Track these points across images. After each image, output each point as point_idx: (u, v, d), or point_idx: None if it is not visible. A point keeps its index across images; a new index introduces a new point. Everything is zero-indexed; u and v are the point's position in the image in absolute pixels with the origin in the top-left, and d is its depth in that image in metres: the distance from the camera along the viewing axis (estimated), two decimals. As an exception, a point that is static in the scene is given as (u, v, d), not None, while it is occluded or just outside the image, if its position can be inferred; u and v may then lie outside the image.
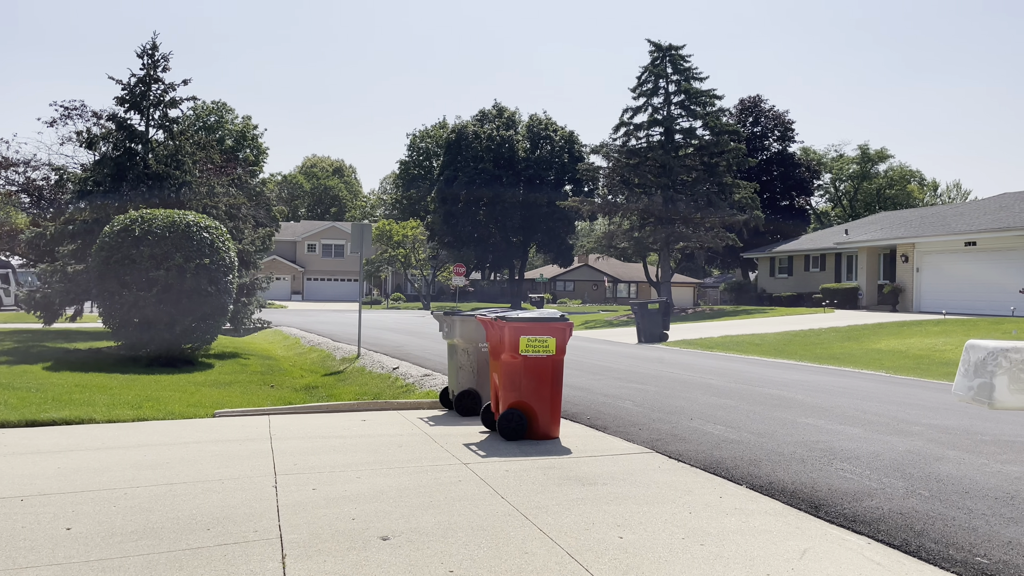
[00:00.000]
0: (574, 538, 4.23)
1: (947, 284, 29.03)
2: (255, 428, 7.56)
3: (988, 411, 2.13)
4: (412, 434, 7.29)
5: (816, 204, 67.31)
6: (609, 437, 7.22)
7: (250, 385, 12.05)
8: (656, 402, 9.27)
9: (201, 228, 14.20)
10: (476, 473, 5.69)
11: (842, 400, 9.65)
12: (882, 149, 71.87)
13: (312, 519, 4.52)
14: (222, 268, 14.34)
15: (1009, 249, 26.58)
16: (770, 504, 5.01)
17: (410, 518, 4.55)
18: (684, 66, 40.45)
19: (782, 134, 53.51)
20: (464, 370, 8.44)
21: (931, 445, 6.75)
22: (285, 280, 69.19)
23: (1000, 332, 18.03)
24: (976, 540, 4.25)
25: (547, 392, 6.95)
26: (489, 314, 7.47)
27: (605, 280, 76.37)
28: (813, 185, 57.65)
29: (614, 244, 40.88)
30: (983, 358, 2.30)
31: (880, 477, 5.60)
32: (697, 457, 6.29)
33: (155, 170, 20.79)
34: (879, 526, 4.52)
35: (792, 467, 5.92)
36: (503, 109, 66.05)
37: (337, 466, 5.88)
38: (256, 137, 75.45)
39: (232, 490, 5.16)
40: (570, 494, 5.13)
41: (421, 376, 12.12)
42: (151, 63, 21.16)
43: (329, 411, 8.80)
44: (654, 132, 40.48)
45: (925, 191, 76.84)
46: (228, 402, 9.68)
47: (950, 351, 15.57)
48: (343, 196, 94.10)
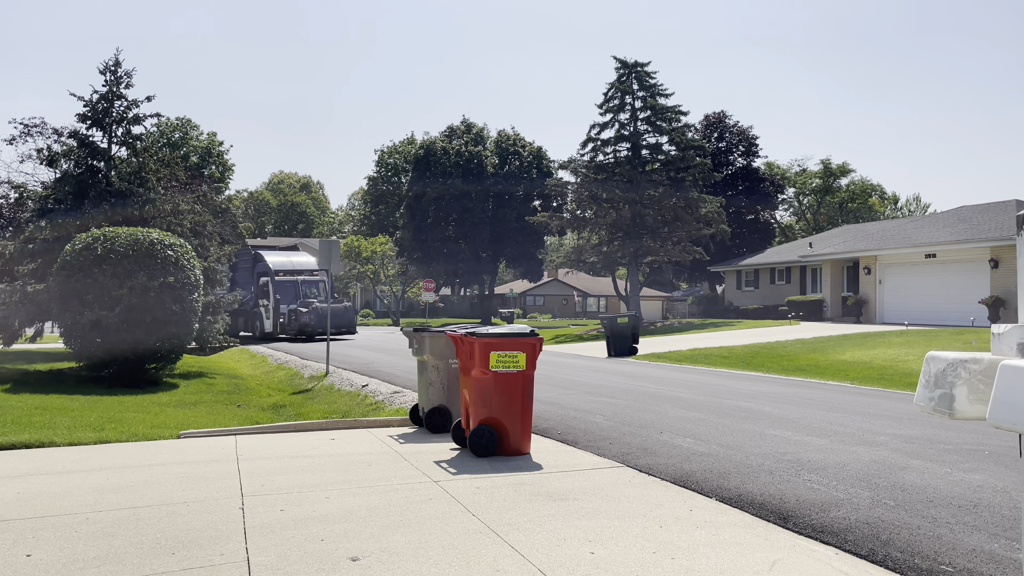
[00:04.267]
0: (545, 555, 4.21)
1: (909, 295, 29.60)
2: (221, 449, 7.44)
3: (949, 421, 2.17)
4: (382, 452, 7.23)
5: (781, 218, 68.32)
6: (580, 452, 7.22)
7: (216, 405, 11.87)
8: (626, 416, 9.30)
9: (165, 246, 14.00)
10: (447, 491, 5.65)
11: (809, 411, 9.77)
12: (844, 164, 73.21)
13: (280, 541, 4.45)
14: (187, 286, 14.14)
15: (968, 261, 27.19)
16: (739, 516, 5.05)
17: (380, 538, 4.50)
18: (650, 82, 40.96)
19: (746, 149, 54.30)
20: (434, 387, 8.41)
21: (896, 455, 6.85)
22: (252, 297, 68.23)
23: (961, 342, 18.41)
24: (941, 548, 4.32)
25: (518, 408, 6.95)
26: (459, 330, 7.46)
27: (575, 294, 76.64)
28: (777, 199, 58.53)
29: (583, 259, 41.12)
30: (943, 369, 2.35)
31: (847, 487, 5.67)
32: (667, 470, 6.32)
33: (118, 187, 20.48)
34: (846, 536, 4.57)
35: (761, 479, 5.97)
36: (471, 125, 66.19)
37: (306, 486, 5.81)
38: (222, 153, 74.73)
39: (198, 513, 5.06)
40: (541, 510, 5.12)
41: (391, 393, 12.03)
42: (114, 79, 20.89)
43: (297, 430, 8.69)
44: (621, 148, 40.86)
45: (886, 204, 78.40)
46: (193, 423, 9.52)
47: (912, 361, 15.85)
48: (311, 212, 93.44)
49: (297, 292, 30.41)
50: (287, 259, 33.18)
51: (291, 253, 35.88)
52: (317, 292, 31.13)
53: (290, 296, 30.24)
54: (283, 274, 30.90)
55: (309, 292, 30.83)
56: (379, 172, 77.99)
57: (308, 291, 30.83)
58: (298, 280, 30.84)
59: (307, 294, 30.64)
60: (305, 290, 30.78)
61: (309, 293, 30.79)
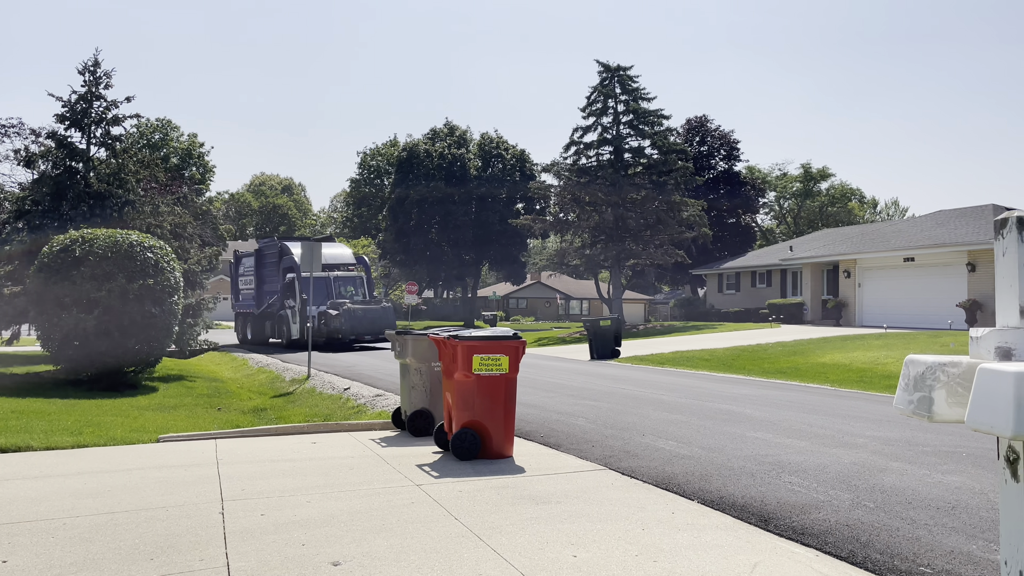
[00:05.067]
0: (528, 558, 4.21)
1: (888, 298, 29.90)
2: (201, 453, 7.37)
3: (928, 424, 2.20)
4: (364, 456, 7.19)
5: (762, 221, 68.82)
6: (563, 455, 7.22)
7: (196, 408, 11.76)
8: (609, 419, 9.32)
9: (145, 248, 13.87)
10: (429, 494, 5.63)
11: (789, 414, 9.83)
12: (824, 168, 73.93)
13: (261, 546, 4.41)
14: (167, 289, 14.01)
15: (945, 265, 27.51)
16: (721, 519, 5.07)
17: (362, 542, 4.48)
18: (632, 86, 41.13)
19: (728, 153, 54.67)
20: (417, 390, 8.38)
21: (875, 457, 6.91)
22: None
23: (939, 345, 18.61)
24: (920, 550, 4.36)
25: (500, 411, 6.94)
26: (442, 333, 7.45)
27: (558, 297, 76.74)
28: (758, 203, 58.99)
29: (566, 261, 41.20)
30: (922, 373, 2.37)
31: (827, 489, 5.71)
32: (649, 473, 6.33)
33: (97, 189, 20.28)
34: (827, 538, 4.60)
35: (742, 481, 6.00)
36: (454, 127, 66.13)
37: (287, 490, 5.77)
38: (202, 155, 74.20)
39: (177, 518, 5.01)
40: (524, 513, 5.11)
41: (373, 396, 11.98)
42: (93, 80, 20.71)
43: (278, 434, 8.63)
44: (604, 151, 41.03)
45: (865, 208, 79.17)
46: (173, 426, 9.42)
47: (891, 364, 16.01)
48: (292, 214, 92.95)
49: (329, 290, 26.01)
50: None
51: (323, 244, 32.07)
52: (353, 290, 26.66)
53: (321, 295, 25.79)
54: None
55: (343, 290, 26.53)
56: (362, 174, 77.72)
57: (342, 289, 26.50)
58: (329, 276, 26.29)
59: (340, 293, 26.29)
60: (338, 288, 26.34)
61: (343, 292, 26.47)
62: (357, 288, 26.84)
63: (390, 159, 74.43)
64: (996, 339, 2.27)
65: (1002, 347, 2.24)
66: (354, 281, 26.99)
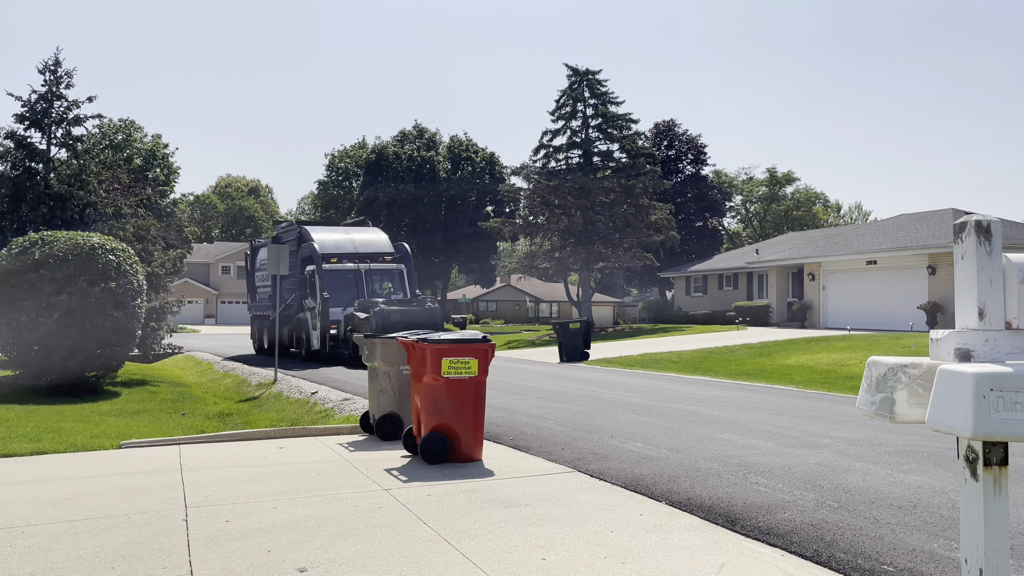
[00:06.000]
0: (497, 562, 4.20)
1: (851, 301, 30.39)
2: (164, 459, 7.24)
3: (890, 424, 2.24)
4: (331, 460, 7.13)
5: (728, 225, 69.61)
6: (532, 458, 7.23)
7: (160, 414, 11.57)
8: (578, 421, 9.34)
9: (107, 250, 13.61)
10: (397, 499, 5.60)
11: (756, 415, 9.94)
12: (789, 172, 75.02)
13: (225, 553, 4.35)
14: (129, 292, 13.76)
15: (906, 268, 28.04)
16: (689, 520, 5.10)
17: (329, 548, 4.43)
18: (601, 90, 41.40)
19: (695, 157, 55.19)
20: (385, 393, 8.33)
21: (839, 457, 7.01)
22: (198, 303, 66.98)
23: (901, 347, 18.96)
24: (882, 549, 4.42)
25: (470, 414, 6.92)
26: (411, 336, 7.41)
27: (527, 300, 76.81)
28: (725, 206, 59.64)
29: (536, 264, 41.29)
30: (884, 374, 2.40)
31: (792, 490, 5.77)
32: (618, 475, 6.36)
33: (57, 190, 19.88)
34: (792, 538, 4.66)
35: (709, 482, 6.05)
36: (424, 130, 65.95)
37: (252, 496, 5.69)
38: (167, 156, 73.05)
39: (139, 525, 4.92)
40: (493, 517, 5.10)
41: (341, 400, 11.88)
42: (54, 79, 20.34)
43: (244, 439, 8.52)
44: (573, 154, 41.23)
45: (829, 212, 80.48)
46: (136, 432, 9.25)
47: (855, 365, 16.27)
48: (259, 217, 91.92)
49: (359, 287, 20.84)
50: (344, 237, 22.76)
51: (351, 229, 24.37)
52: (391, 287, 21.57)
53: (348, 293, 20.32)
54: (336, 259, 21.09)
55: (378, 287, 21.43)
56: (330, 176, 77.14)
57: (376, 285, 21.40)
58: (359, 270, 21.12)
59: (374, 290, 21.24)
60: (371, 284, 21.23)
61: (378, 289, 21.35)
62: (395, 284, 21.62)
63: (359, 161, 73.99)
64: (956, 341, 2.32)
65: (961, 348, 2.28)
66: (391, 275, 21.68)
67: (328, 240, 21.98)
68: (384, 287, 21.39)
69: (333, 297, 19.80)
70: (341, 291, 20.19)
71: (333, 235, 22.72)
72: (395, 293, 21.30)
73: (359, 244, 22.27)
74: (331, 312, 19.31)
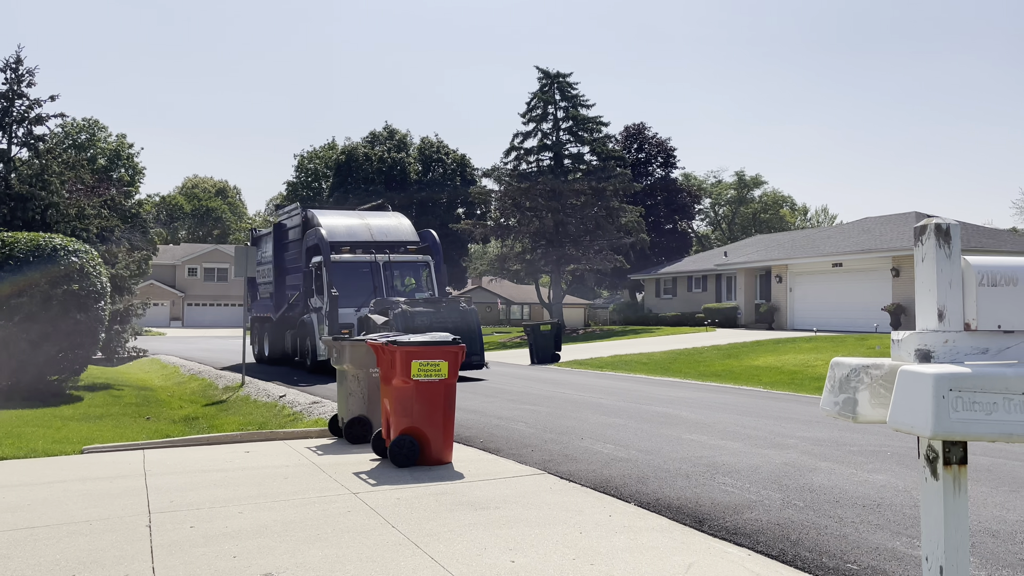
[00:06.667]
0: (466, 565, 4.18)
1: (818, 303, 30.82)
2: (128, 464, 7.12)
3: (854, 424, 2.28)
4: (299, 464, 7.06)
5: (697, 227, 70.26)
6: (502, 460, 7.22)
7: (123, 418, 11.37)
8: (548, 423, 9.36)
9: (69, 252, 13.36)
10: (366, 503, 5.56)
11: (724, 416, 10.03)
12: (757, 175, 76.00)
13: (189, 559, 4.28)
14: (92, 294, 13.51)
15: (871, 270, 28.51)
16: (657, 520, 5.13)
17: (296, 553, 4.38)
18: (572, 93, 41.56)
19: (665, 160, 55.62)
20: (354, 396, 8.27)
21: (805, 457, 7.10)
22: (164, 306, 66.01)
23: (865, 348, 19.26)
24: (847, 547, 4.49)
25: (440, 417, 6.89)
26: (380, 338, 7.36)
27: (499, 302, 76.81)
28: (694, 209, 60.21)
29: (507, 266, 41.32)
30: (846, 375, 2.43)
31: (759, 489, 5.83)
32: (588, 477, 6.37)
33: (18, 191, 19.47)
34: (758, 537, 4.70)
35: (678, 483, 6.09)
36: (394, 131, 65.69)
37: (218, 501, 5.61)
38: (132, 156, 71.97)
39: (101, 531, 4.83)
40: (462, 519, 5.08)
41: (310, 404, 11.78)
42: (15, 77, 19.96)
43: (210, 443, 8.40)
44: (544, 157, 41.33)
45: (796, 215, 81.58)
46: (98, 437, 9.08)
47: (821, 366, 16.50)
48: (227, 218, 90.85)
49: (377, 283, 17.29)
50: (358, 222, 18.98)
51: (368, 214, 20.42)
52: (414, 282, 18.09)
53: (361, 290, 17.05)
54: (348, 249, 17.57)
55: (400, 284, 17.90)
56: (299, 177, 76.49)
57: (397, 281, 17.86)
58: (376, 261, 17.58)
59: (395, 287, 17.63)
60: (391, 279, 17.64)
61: (399, 286, 17.84)
62: (421, 279, 18.09)
63: (328, 162, 73.47)
64: (916, 342, 2.35)
65: (921, 349, 2.32)
66: (415, 269, 18.16)
67: (338, 226, 18.29)
68: (406, 283, 17.93)
69: (344, 295, 16.22)
70: (354, 288, 16.81)
71: (345, 220, 18.98)
72: (420, 290, 17.76)
73: (376, 231, 18.54)
74: (341, 314, 15.94)
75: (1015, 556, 4.28)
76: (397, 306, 14.88)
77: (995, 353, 2.32)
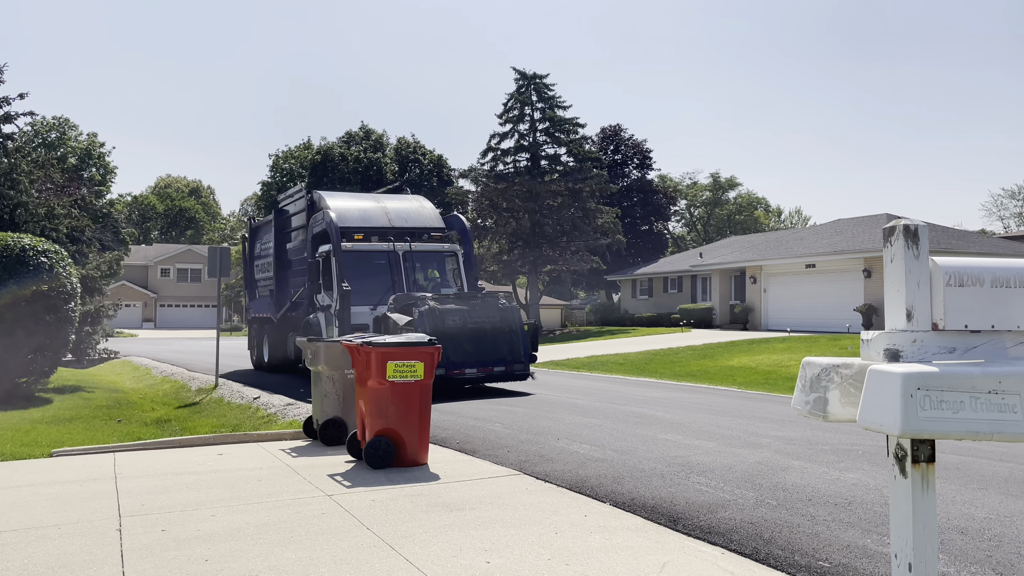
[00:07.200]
0: (441, 566, 4.17)
1: (791, 303, 31.15)
2: (98, 467, 7.02)
3: (825, 423, 2.31)
4: (273, 467, 7.00)
5: (673, 229, 70.72)
6: (478, 460, 7.21)
7: (94, 421, 11.21)
8: (524, 423, 9.36)
9: (38, 252, 13.15)
10: (341, 505, 5.52)
11: (698, 416, 10.10)
12: (732, 177, 76.69)
13: (160, 563, 4.23)
14: (62, 295, 13.31)
15: (843, 271, 28.86)
16: (632, 520, 5.15)
17: (269, 556, 4.35)
18: (548, 94, 41.65)
19: (641, 162, 55.94)
20: (329, 398, 8.21)
21: (778, 456, 7.16)
22: (136, 307, 65.21)
23: (838, 348, 19.50)
24: (818, 545, 4.53)
25: (415, 418, 6.87)
26: (355, 339, 7.32)
27: (474, 303, 76.68)
28: (670, 211, 60.62)
29: (484, 267, 41.27)
30: (817, 375, 2.46)
31: (733, 489, 5.88)
32: (563, 477, 6.39)
33: (-15, 189, 19.11)
34: (732, 536, 4.74)
35: (653, 482, 6.12)
36: (370, 131, 65.41)
37: (190, 504, 5.55)
38: (103, 155, 70.83)
39: (70, 536, 4.75)
40: (438, 521, 5.07)
41: (284, 405, 11.69)
42: (-18, 74, 19.56)
43: (182, 446, 8.31)
44: (521, 158, 41.36)
45: (770, 217, 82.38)
46: (68, 440, 8.94)
47: (794, 366, 16.68)
48: (200, 218, 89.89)
49: (394, 276, 14.76)
50: (373, 205, 16.40)
51: (384, 197, 17.76)
52: (438, 276, 15.46)
53: (378, 284, 14.56)
54: (361, 236, 14.95)
55: (423, 277, 15.26)
56: (274, 177, 75.77)
57: (419, 274, 15.18)
58: (396, 250, 14.99)
59: (417, 281, 14.98)
60: (411, 272, 14.95)
61: (423, 280, 15.20)
62: (446, 272, 15.63)
63: (304, 162, 72.89)
64: (885, 341, 2.39)
65: (890, 349, 2.35)
66: (440, 260, 15.67)
67: (350, 209, 15.78)
68: (430, 276, 15.31)
69: (357, 291, 13.81)
70: (369, 282, 14.39)
71: (358, 203, 16.49)
72: (445, 285, 15.18)
73: (395, 215, 15.86)
74: (354, 313, 13.63)
75: (983, 553, 4.35)
76: (423, 303, 12.40)
77: (962, 352, 2.36)
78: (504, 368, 12.82)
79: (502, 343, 12.90)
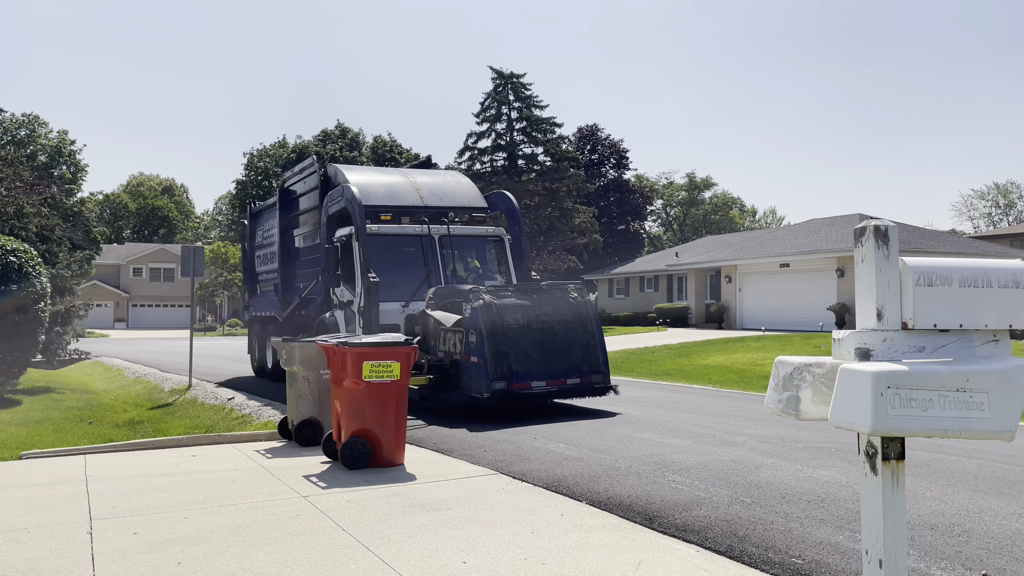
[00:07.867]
0: (417, 567, 4.16)
1: (766, 302, 31.44)
2: (69, 470, 6.91)
3: (798, 421, 2.35)
4: (247, 468, 6.94)
5: (650, 228, 71.11)
6: (455, 460, 7.20)
7: (64, 422, 11.04)
8: (500, 422, 9.34)
9: (7, 251, 12.94)
10: (316, 506, 5.49)
11: (675, 414, 10.16)
12: (707, 177, 77.28)
13: (132, 566, 4.17)
14: (32, 295, 13.11)
15: (817, 270, 29.19)
16: (608, 519, 5.17)
17: (243, 558, 4.31)
18: (526, 94, 41.70)
19: (618, 162, 56.17)
20: (304, 398, 8.16)
21: (753, 454, 7.23)
22: (108, 307, 64.32)
23: (811, 347, 19.71)
24: (792, 542, 4.58)
25: (392, 418, 6.84)
26: (331, 339, 7.28)
27: (451, 303, 76.58)
28: (646, 210, 60.97)
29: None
30: (790, 373, 2.49)
31: (708, 487, 5.92)
32: (540, 476, 6.40)
33: (-48, 187, 18.77)
34: (707, 534, 4.77)
35: (629, 481, 6.15)
36: (346, 130, 65.07)
37: (162, 507, 5.48)
38: (74, 153, 69.72)
39: (40, 539, 4.68)
40: (414, 521, 5.05)
41: (259, 407, 11.59)
42: (-52, 69, 19.18)
43: (155, 447, 8.20)
44: (498, 157, 41.38)
45: (745, 216, 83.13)
46: (38, 442, 8.80)
47: (768, 365, 16.81)
48: (173, 217, 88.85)
49: (428, 266, 12.25)
50: (401, 180, 13.73)
51: (413, 172, 14.79)
52: (483, 267, 13.02)
53: (410, 276, 12.17)
54: (389, 218, 12.50)
55: (463, 267, 12.76)
56: (248, 176, 75.08)
57: (458, 264, 12.63)
58: (431, 234, 12.41)
59: (456, 272, 12.48)
60: (448, 260, 12.41)
61: (463, 270, 12.71)
62: (488, 261, 13.16)
63: (279, 160, 72.29)
64: (856, 340, 2.42)
65: (861, 348, 2.38)
66: (482, 246, 13.13)
67: (374, 184, 13.11)
68: (470, 266, 12.86)
69: (386, 284, 11.44)
70: (399, 274, 12.03)
71: (384, 177, 13.88)
72: (489, 276, 12.82)
73: (428, 193, 13.25)
74: (382, 311, 11.33)
75: (952, 549, 4.42)
76: (476, 296, 9.74)
77: (931, 351, 2.39)
78: (579, 380, 10.01)
79: (576, 347, 10.15)
